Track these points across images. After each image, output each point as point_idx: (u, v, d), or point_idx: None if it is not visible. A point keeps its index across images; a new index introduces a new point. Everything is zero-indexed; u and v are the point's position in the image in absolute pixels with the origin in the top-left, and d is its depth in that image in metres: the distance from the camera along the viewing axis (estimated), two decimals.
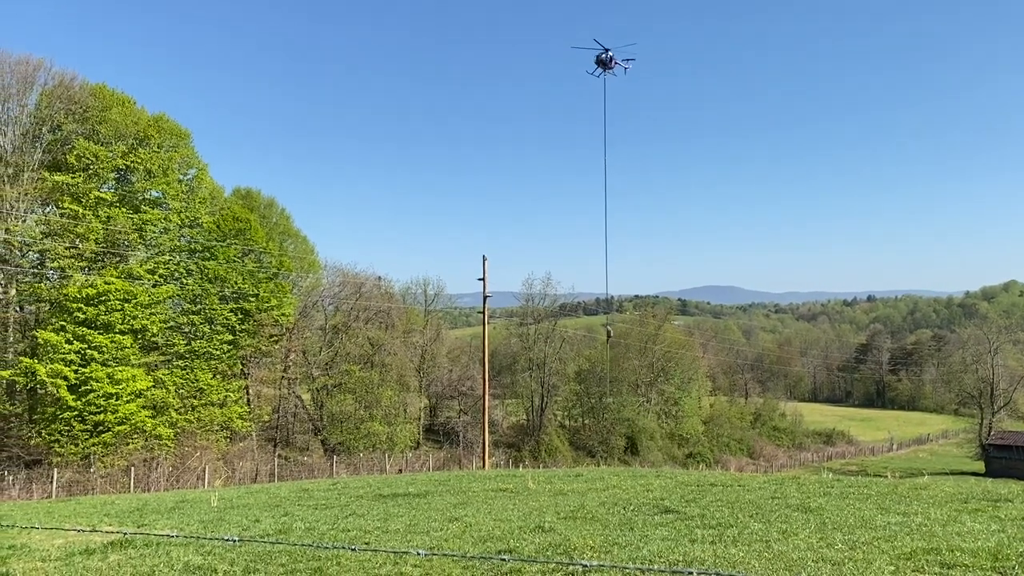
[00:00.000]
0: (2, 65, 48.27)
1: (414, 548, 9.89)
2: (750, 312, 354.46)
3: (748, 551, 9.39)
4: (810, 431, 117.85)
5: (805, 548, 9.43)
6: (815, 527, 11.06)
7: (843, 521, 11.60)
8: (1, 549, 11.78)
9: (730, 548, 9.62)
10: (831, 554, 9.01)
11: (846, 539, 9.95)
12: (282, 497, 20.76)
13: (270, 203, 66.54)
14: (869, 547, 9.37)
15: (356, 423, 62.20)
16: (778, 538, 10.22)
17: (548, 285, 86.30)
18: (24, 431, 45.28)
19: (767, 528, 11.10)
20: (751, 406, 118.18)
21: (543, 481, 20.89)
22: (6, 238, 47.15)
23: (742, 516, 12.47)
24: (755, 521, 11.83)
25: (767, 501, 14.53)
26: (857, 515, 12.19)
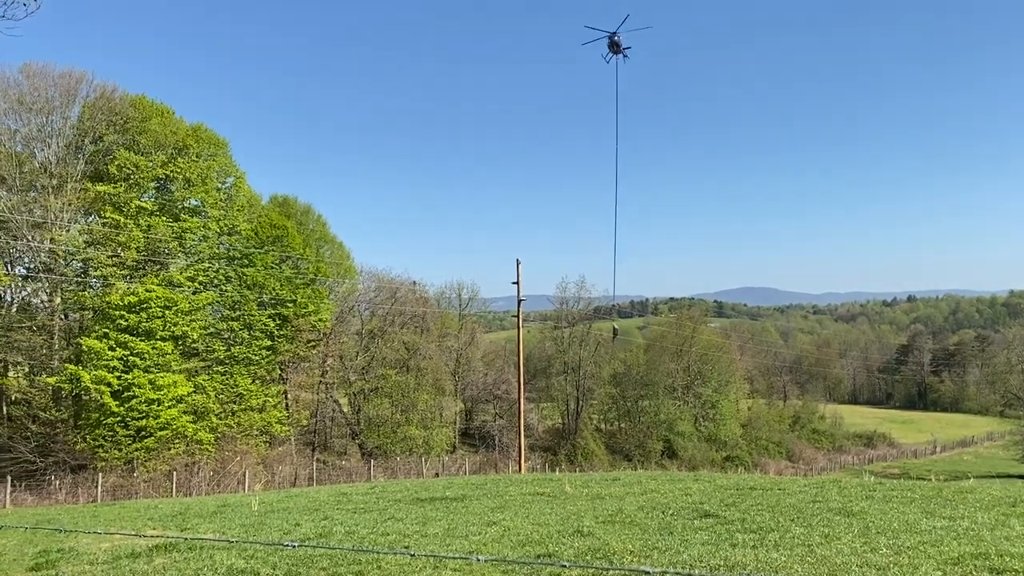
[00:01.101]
0: (46, 79, 49.42)
1: (475, 555, 9.93)
2: (788, 313, 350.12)
3: (790, 555, 9.29)
4: (850, 433, 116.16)
5: (849, 553, 9.30)
6: (858, 531, 10.90)
7: (887, 525, 11.41)
8: (50, 553, 12.05)
9: (772, 552, 9.52)
10: (876, 559, 8.87)
11: (891, 543, 9.79)
12: (321, 501, 20.94)
13: (306, 210, 67.24)
14: (915, 552, 9.21)
15: (393, 427, 62.60)
16: (820, 542, 10.09)
17: (582, 288, 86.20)
18: (70, 436, 46.21)
19: (809, 532, 10.96)
20: (790, 408, 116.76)
21: (580, 485, 20.82)
22: (51, 248, 48.23)
23: (783, 520, 12.33)
24: (796, 525, 11.68)
25: (808, 505, 14.34)
26: (901, 519, 11.98)
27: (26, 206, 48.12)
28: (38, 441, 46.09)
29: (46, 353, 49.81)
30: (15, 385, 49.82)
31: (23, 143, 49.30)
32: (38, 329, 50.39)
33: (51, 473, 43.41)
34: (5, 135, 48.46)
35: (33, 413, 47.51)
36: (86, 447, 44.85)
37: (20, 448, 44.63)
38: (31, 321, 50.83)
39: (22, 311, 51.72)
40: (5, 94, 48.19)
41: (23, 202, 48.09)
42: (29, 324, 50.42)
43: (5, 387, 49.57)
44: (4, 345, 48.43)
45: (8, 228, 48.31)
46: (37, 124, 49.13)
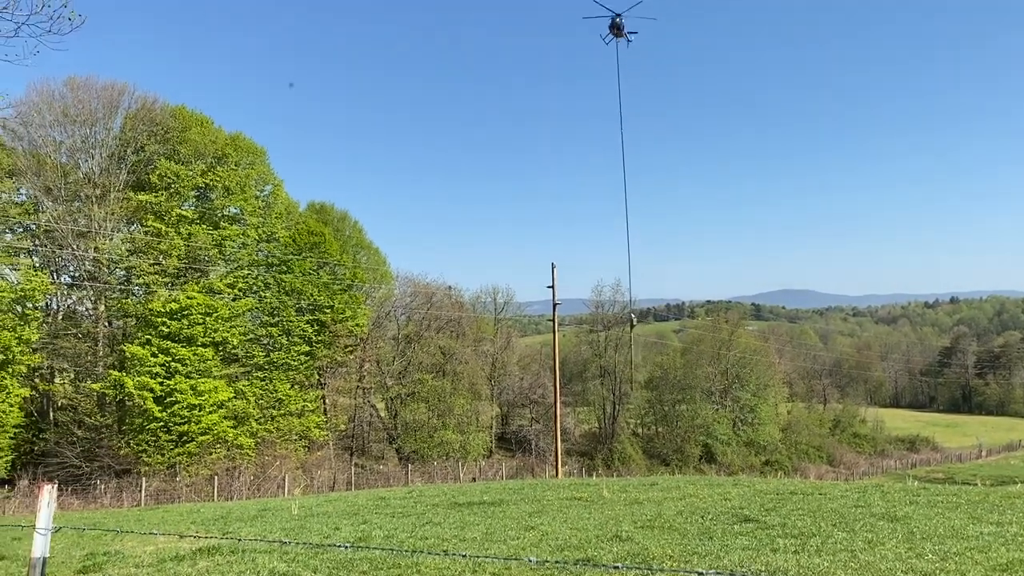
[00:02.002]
0: (90, 91, 50.52)
1: (526, 555, 9.95)
2: (827, 316, 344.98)
3: (833, 561, 9.17)
4: (892, 437, 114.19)
5: (893, 558, 9.15)
6: (903, 537, 10.72)
7: (932, 531, 11.21)
8: (97, 556, 12.29)
9: (814, 558, 9.41)
10: (921, 565, 8.73)
11: (936, 549, 9.62)
12: (360, 505, 21.09)
13: (343, 216, 67.85)
14: (962, 558, 9.04)
15: (429, 431, 62.87)
16: (864, 548, 9.95)
17: (618, 291, 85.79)
18: (114, 442, 47.07)
19: (852, 537, 10.81)
20: (830, 412, 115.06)
21: (618, 490, 20.73)
22: (95, 256, 49.24)
23: (825, 525, 12.17)
24: (839, 530, 11.53)
25: (850, 510, 14.14)
26: (947, 524, 11.77)
27: (71, 216, 49.21)
28: (84, 446, 47.02)
29: (91, 360, 50.83)
30: (61, 391, 50.89)
31: (68, 154, 50.43)
32: (83, 336, 51.47)
33: (96, 478, 44.26)
34: (51, 147, 49.62)
35: (79, 419, 48.51)
36: (130, 452, 45.66)
37: (67, 453, 45.56)
38: (76, 328, 51.95)
39: (68, 319, 52.88)
40: (51, 107, 49.36)
41: (68, 212, 49.19)
42: (74, 331, 51.53)
43: (52, 393, 50.67)
44: (51, 352, 49.52)
45: (54, 237, 49.44)
46: (81, 136, 50.24)
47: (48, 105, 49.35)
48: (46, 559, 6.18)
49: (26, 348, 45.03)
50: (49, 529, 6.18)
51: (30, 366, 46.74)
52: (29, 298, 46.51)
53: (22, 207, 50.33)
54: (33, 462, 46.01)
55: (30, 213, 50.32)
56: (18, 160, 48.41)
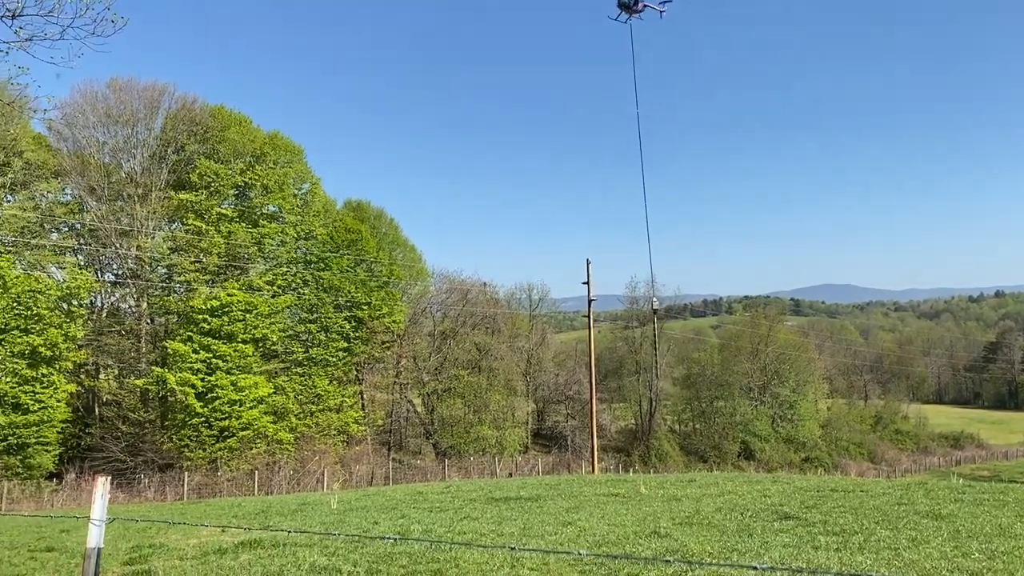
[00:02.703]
0: (131, 92, 51.45)
1: (576, 549, 9.96)
2: (868, 311, 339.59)
3: (876, 559, 9.03)
4: (936, 434, 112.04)
5: (938, 557, 8.99)
6: (948, 535, 10.52)
7: (978, 529, 10.98)
8: (143, 548, 12.53)
9: (856, 556, 9.28)
10: (968, 564, 8.56)
11: (983, 548, 9.43)
12: (398, 500, 21.24)
13: (379, 214, 68.30)
14: (1010, 556, 8.85)
15: (466, 427, 63.10)
16: (908, 546, 9.78)
17: (654, 287, 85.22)
18: (157, 437, 47.96)
19: (895, 535, 10.64)
20: (871, 408, 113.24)
21: (655, 486, 20.63)
22: (138, 254, 50.16)
23: (867, 523, 11.99)
24: (882, 528, 11.35)
25: (893, 507, 13.91)
26: (994, 523, 11.52)
27: (114, 215, 50.18)
28: (128, 441, 47.95)
29: (134, 356, 51.83)
30: (106, 387, 51.98)
31: (111, 154, 51.42)
32: (126, 333, 52.50)
33: (140, 472, 45.12)
34: (94, 147, 50.62)
35: (123, 414, 49.48)
36: (173, 447, 46.48)
37: (112, 447, 46.50)
38: (120, 325, 53.02)
39: (112, 316, 53.97)
40: (94, 108, 50.36)
41: (111, 211, 50.17)
42: (118, 328, 52.59)
43: (97, 389, 51.76)
44: (96, 349, 50.58)
45: (98, 236, 50.47)
46: (123, 136, 51.19)
47: (92, 106, 50.35)
48: (100, 549, 6.32)
49: (72, 345, 46.02)
50: (103, 520, 6.32)
51: (76, 362, 47.79)
52: (75, 296, 47.54)
53: (67, 207, 51.47)
54: (80, 456, 47.03)
55: (75, 212, 51.46)
56: (63, 160, 49.49)
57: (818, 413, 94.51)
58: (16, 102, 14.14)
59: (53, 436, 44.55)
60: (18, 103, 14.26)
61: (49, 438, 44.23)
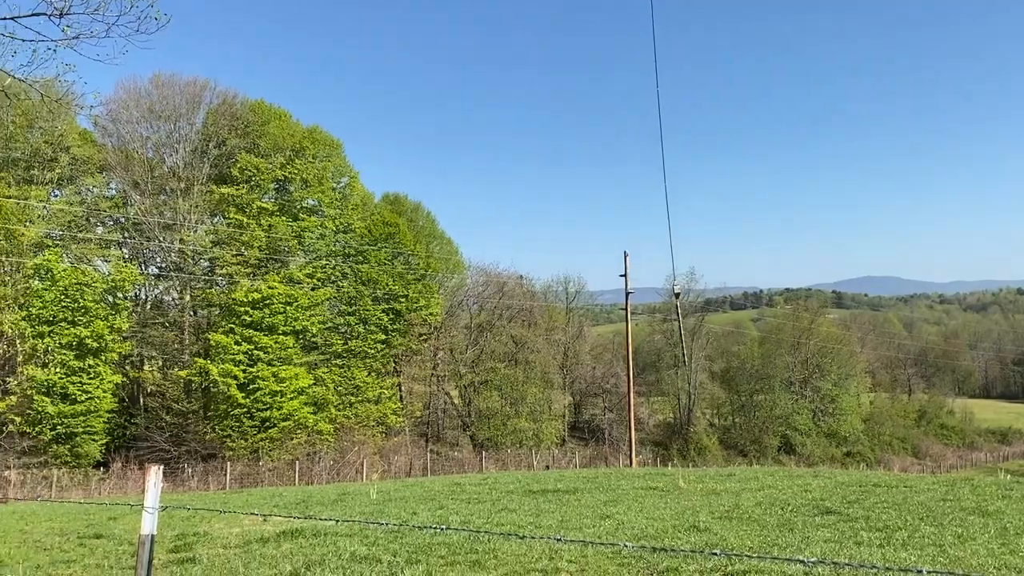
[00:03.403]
0: (173, 88, 52.25)
1: (621, 541, 9.94)
2: (912, 303, 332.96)
3: (921, 555, 8.87)
4: (982, 429, 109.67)
5: (985, 554, 8.80)
6: (995, 532, 10.29)
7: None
8: (187, 536, 12.76)
9: (900, 552, 9.12)
10: (1016, 562, 8.36)
11: None
12: (436, 491, 21.34)
13: (416, 207, 68.65)
14: None
15: (503, 419, 63.25)
16: (953, 543, 9.59)
17: (692, 280, 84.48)
18: (200, 427, 48.80)
19: (940, 532, 10.43)
20: (915, 403, 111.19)
21: (694, 480, 20.48)
22: (181, 247, 51.00)
23: (911, 519, 11.78)
24: (926, 524, 11.14)
25: (938, 503, 13.65)
26: None
27: (157, 209, 51.08)
28: (172, 431, 48.86)
29: (177, 348, 52.76)
30: (150, 378, 52.99)
31: (153, 149, 52.33)
32: (170, 325, 53.47)
33: (184, 461, 45.94)
34: (138, 142, 51.54)
35: (167, 404, 50.43)
36: (215, 437, 47.26)
37: (156, 437, 47.41)
38: (164, 317, 54.01)
39: (155, 308, 55.02)
40: (138, 103, 51.25)
41: (155, 205, 51.06)
42: (162, 320, 53.58)
43: (142, 380, 52.80)
44: (140, 340, 51.60)
45: (142, 230, 51.43)
46: (166, 131, 52.04)
47: (135, 102, 51.25)
48: (153, 536, 6.42)
49: (117, 336, 47.01)
50: (156, 508, 6.43)
51: (121, 354, 48.80)
52: (119, 288, 48.52)
53: (112, 201, 52.54)
54: (125, 446, 48.03)
55: (120, 207, 52.52)
56: (108, 156, 50.48)
57: (860, 407, 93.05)
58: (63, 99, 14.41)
59: (100, 426, 45.56)
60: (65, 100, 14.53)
61: (96, 428, 45.25)
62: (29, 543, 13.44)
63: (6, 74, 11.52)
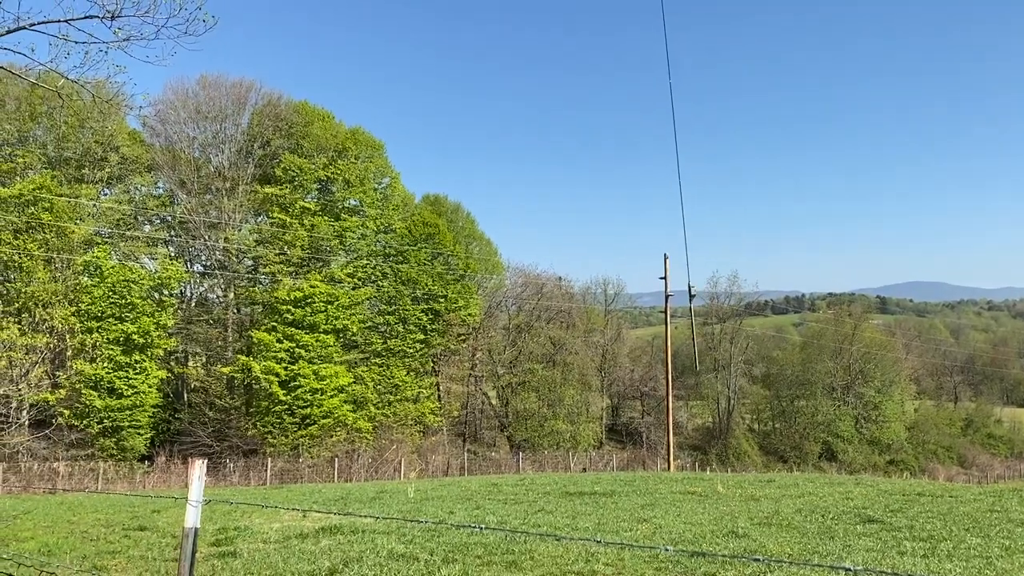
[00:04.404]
0: (220, 89, 53.09)
1: (662, 545, 9.92)
2: (959, 310, 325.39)
3: (966, 567, 8.70)
4: None
5: None
6: None
7: None
8: (228, 530, 12.98)
9: (945, 563, 8.95)
10: None
11: None
12: (473, 491, 21.44)
13: (456, 208, 68.88)
14: None
15: (540, 421, 63.22)
16: (1000, 555, 9.39)
17: (734, 283, 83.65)
18: (242, 423, 49.55)
19: (987, 543, 10.22)
20: (961, 411, 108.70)
21: (733, 485, 20.32)
22: (225, 246, 51.83)
23: (956, 529, 11.56)
24: (972, 535, 10.92)
25: (984, 514, 13.37)
26: None
27: (203, 208, 51.96)
28: (214, 426, 49.67)
29: (221, 344, 53.63)
30: (194, 374, 53.90)
31: (200, 149, 53.20)
32: (214, 322, 54.38)
33: (226, 457, 46.66)
34: (185, 142, 52.47)
35: (210, 400, 51.31)
36: (256, 433, 47.95)
37: (199, 432, 48.23)
38: (208, 315, 54.95)
39: (200, 305, 56.00)
40: (185, 104, 52.16)
41: (200, 204, 51.95)
42: (206, 318, 54.52)
43: (186, 375, 53.75)
44: (185, 337, 52.53)
45: (188, 228, 52.38)
46: (212, 131, 52.88)
47: (183, 102, 52.17)
48: (197, 529, 6.54)
49: (163, 332, 47.93)
50: (200, 501, 6.55)
51: (166, 350, 49.74)
52: (166, 286, 49.47)
53: (159, 200, 53.59)
54: (169, 440, 48.93)
55: (166, 205, 53.57)
56: (156, 155, 51.50)
57: (904, 415, 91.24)
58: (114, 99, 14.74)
59: (145, 420, 46.49)
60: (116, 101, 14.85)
61: (141, 422, 46.18)
62: (76, 533, 13.78)
63: (59, 75, 11.82)
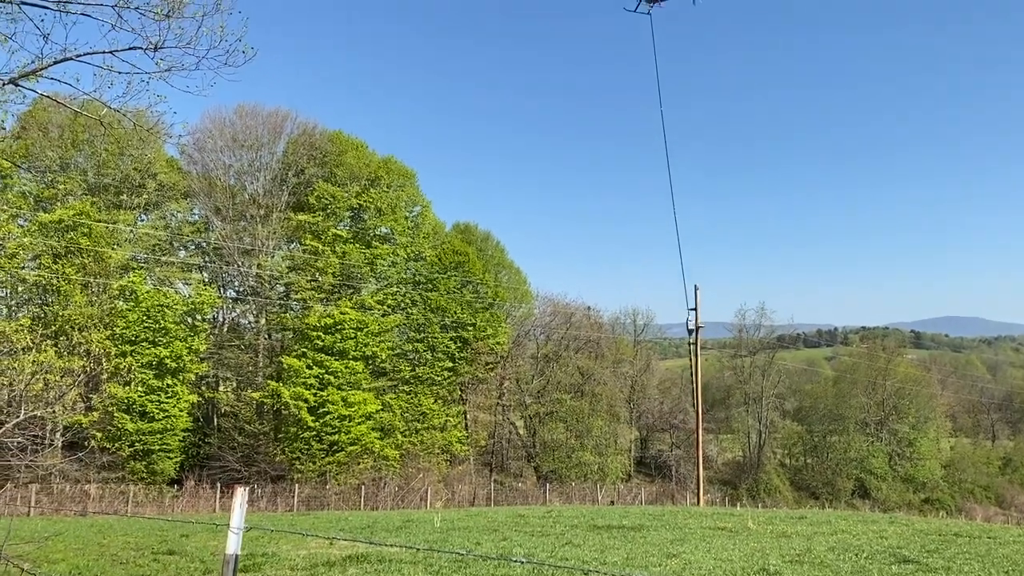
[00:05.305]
0: (256, 118, 54.06)
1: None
2: (996, 345, 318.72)
3: None
4: None
5: None
6: None
7: None
8: (256, 556, 12.99)
9: None
10: None
11: None
12: (499, 522, 21.28)
13: (486, 236, 69.18)
14: None
15: (568, 452, 62.79)
16: None
17: (763, 315, 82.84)
18: (270, 449, 49.78)
19: None
20: (999, 449, 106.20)
21: (763, 521, 19.96)
22: (258, 272, 52.47)
23: (995, 572, 11.25)
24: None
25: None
26: None
27: (237, 234, 52.72)
28: (243, 452, 49.94)
29: (251, 370, 54.08)
30: (224, 399, 54.38)
31: (236, 177, 54.09)
32: (245, 347, 54.89)
33: (254, 482, 46.85)
34: (221, 170, 53.41)
35: (239, 425, 51.63)
36: (285, 459, 48.13)
37: (228, 457, 48.52)
38: (239, 340, 55.51)
39: (232, 330, 56.60)
40: (222, 133, 53.17)
41: (235, 230, 52.72)
42: (238, 343, 55.07)
43: (216, 400, 54.22)
44: (216, 361, 53.08)
45: (222, 254, 53.13)
46: (248, 159, 53.79)
47: (220, 131, 53.18)
48: (238, 556, 6.55)
49: (195, 357, 48.47)
50: (242, 528, 6.55)
51: (198, 374, 50.26)
52: (199, 311, 50.09)
53: (195, 226, 54.52)
54: (199, 464, 49.28)
55: (201, 231, 54.45)
56: (192, 182, 52.47)
57: (940, 452, 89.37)
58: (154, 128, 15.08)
59: (175, 444, 46.89)
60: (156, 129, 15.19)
61: (172, 446, 46.58)
62: (106, 556, 13.87)
63: (102, 104, 12.13)
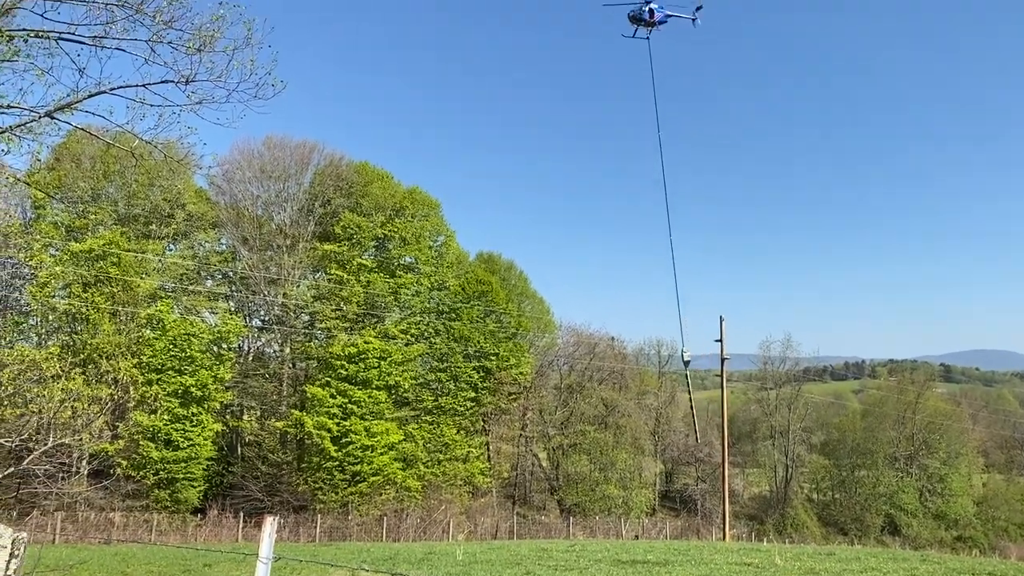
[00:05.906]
0: (284, 149, 54.81)
1: None
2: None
3: None
4: None
5: None
6: None
7: None
8: None
9: None
10: None
11: None
12: (522, 555, 21.03)
13: (509, 266, 69.27)
14: None
15: (591, 485, 62.13)
16: None
17: (788, 347, 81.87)
18: (293, 478, 49.73)
19: None
20: None
21: (791, 558, 19.57)
22: (284, 301, 52.84)
23: None
24: None
25: None
26: None
27: (264, 264, 53.22)
28: (266, 481, 49.95)
29: (276, 399, 54.25)
30: (249, 428, 54.52)
31: (263, 207, 54.73)
32: (270, 376, 55.14)
33: (276, 512, 46.70)
34: (249, 200, 54.05)
35: (263, 454, 51.68)
36: (307, 489, 48.04)
37: (251, 487, 48.53)
38: (264, 369, 55.80)
39: (257, 359, 56.89)
40: (250, 164, 53.91)
41: (261, 260, 53.24)
42: (263, 372, 55.34)
43: (240, 429, 54.39)
44: (241, 390, 53.30)
45: (248, 284, 53.60)
46: (275, 190, 54.44)
47: (248, 162, 53.94)
48: None
49: (220, 386, 48.73)
50: (270, 558, 6.49)
51: (223, 403, 50.48)
52: (225, 340, 50.48)
53: (222, 256, 55.12)
54: (222, 493, 49.30)
55: (228, 261, 54.99)
56: (220, 213, 53.14)
57: (972, 488, 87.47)
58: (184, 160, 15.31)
59: (199, 472, 47.00)
60: (186, 161, 15.42)
61: (196, 474, 46.69)
62: None
63: (134, 136, 12.34)
